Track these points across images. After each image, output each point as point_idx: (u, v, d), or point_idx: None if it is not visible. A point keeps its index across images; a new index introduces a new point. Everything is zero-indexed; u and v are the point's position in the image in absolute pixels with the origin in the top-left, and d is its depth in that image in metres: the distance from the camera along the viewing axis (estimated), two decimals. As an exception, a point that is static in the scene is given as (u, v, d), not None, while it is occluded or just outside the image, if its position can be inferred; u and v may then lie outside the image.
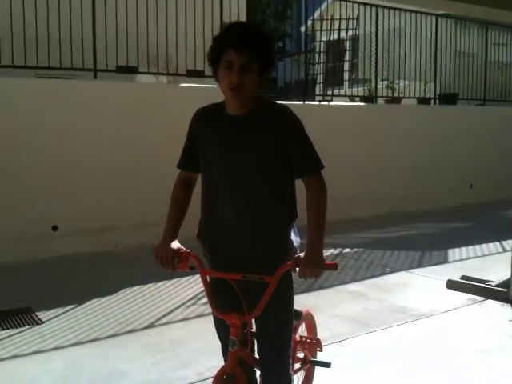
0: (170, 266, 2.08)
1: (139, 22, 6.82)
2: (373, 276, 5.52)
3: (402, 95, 9.91)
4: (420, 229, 7.99)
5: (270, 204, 2.11)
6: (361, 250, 6.65)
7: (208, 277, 2.18)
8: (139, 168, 6.64)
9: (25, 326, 4.13)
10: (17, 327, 4.11)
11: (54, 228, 6.22)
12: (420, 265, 5.93)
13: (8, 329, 4.07)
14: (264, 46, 2.01)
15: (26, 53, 6.13)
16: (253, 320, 2.20)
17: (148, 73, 7.36)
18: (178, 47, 7.13)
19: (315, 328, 2.90)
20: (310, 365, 2.81)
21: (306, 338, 2.77)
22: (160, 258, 2.09)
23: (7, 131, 5.95)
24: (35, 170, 6.08)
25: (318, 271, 1.99)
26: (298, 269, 2.01)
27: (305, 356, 2.76)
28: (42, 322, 4.20)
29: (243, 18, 8.45)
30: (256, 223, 2.10)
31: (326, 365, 2.74)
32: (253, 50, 1.95)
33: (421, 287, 5.14)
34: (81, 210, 6.33)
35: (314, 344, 2.77)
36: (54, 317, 4.32)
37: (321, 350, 2.83)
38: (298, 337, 2.67)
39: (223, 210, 2.13)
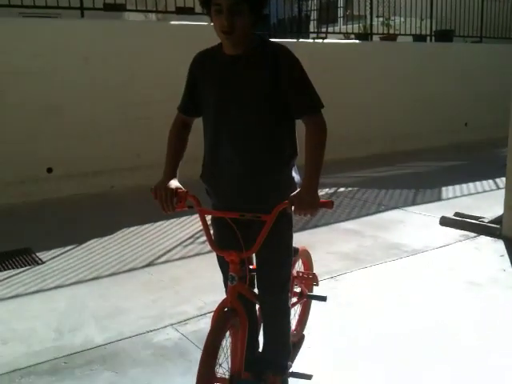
0: (169, 206, 2.08)
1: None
2: (367, 214, 5.60)
3: (397, 32, 9.70)
4: (414, 167, 8.03)
5: (267, 141, 2.10)
6: (355, 188, 6.70)
7: (211, 216, 2.21)
8: (131, 109, 6.55)
9: (26, 266, 4.19)
10: (18, 267, 4.17)
11: (49, 170, 6.20)
12: (414, 203, 6.00)
13: (9, 269, 4.13)
14: None
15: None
16: (253, 256, 2.24)
17: (136, 10, 7.13)
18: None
19: (311, 264, 2.97)
20: (306, 299, 2.89)
21: (303, 273, 2.83)
22: (159, 198, 2.09)
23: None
24: (23, 112, 5.99)
25: (313, 209, 2.00)
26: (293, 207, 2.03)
27: (301, 290, 2.84)
28: (43, 262, 4.26)
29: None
30: (254, 161, 2.11)
31: (322, 299, 2.82)
32: None
33: (415, 224, 5.22)
34: (75, 152, 6.30)
35: (311, 279, 2.84)
36: (55, 257, 4.38)
37: (317, 285, 2.90)
38: (294, 272, 2.73)
39: (223, 149, 2.13)
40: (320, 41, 8.70)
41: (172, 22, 7.12)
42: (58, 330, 3.17)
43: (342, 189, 6.71)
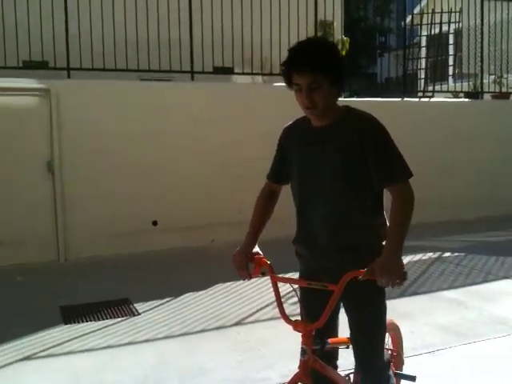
0: (244, 272, 2.14)
1: (234, 24, 6.94)
2: (473, 283, 5.20)
3: (511, 90, 9.25)
4: (529, 234, 7.41)
5: (354, 211, 2.09)
6: (462, 254, 6.28)
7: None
8: (235, 167, 6.78)
9: (123, 316, 4.37)
10: (115, 317, 4.35)
11: (154, 223, 6.53)
12: (527, 273, 5.50)
13: (107, 319, 4.33)
14: (328, 59, 2.00)
15: (127, 56, 6.48)
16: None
17: (243, 73, 7.46)
18: (273, 47, 7.17)
19: (401, 339, 2.77)
20: (394, 377, 2.69)
21: (387, 349, 2.66)
22: (235, 264, 2.17)
23: (113, 131, 6.32)
24: (136, 168, 6.40)
25: (397, 276, 1.87)
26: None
27: (389, 368, 2.65)
28: (139, 314, 4.42)
29: (338, 16, 8.30)
30: (340, 230, 2.10)
31: (411, 378, 2.59)
32: (315, 68, 1.96)
33: (527, 297, 4.77)
34: (179, 206, 6.59)
35: (395, 356, 2.66)
36: (150, 309, 4.53)
37: (402, 363, 2.72)
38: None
39: (310, 217, 2.16)
40: (426, 100, 8.51)
41: (276, 84, 7.35)
42: (143, 385, 3.23)
43: (447, 254, 6.32)
